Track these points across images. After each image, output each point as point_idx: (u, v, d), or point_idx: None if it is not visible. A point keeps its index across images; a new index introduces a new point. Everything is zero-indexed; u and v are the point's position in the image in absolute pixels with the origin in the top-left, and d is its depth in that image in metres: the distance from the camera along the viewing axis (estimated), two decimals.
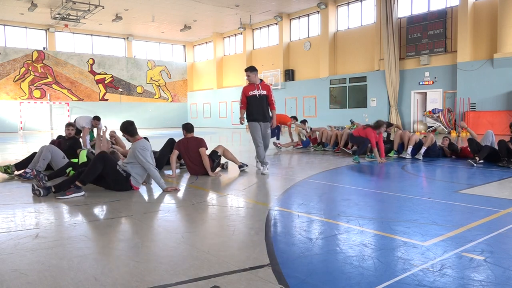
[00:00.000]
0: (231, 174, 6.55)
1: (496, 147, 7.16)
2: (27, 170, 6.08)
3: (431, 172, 6.63)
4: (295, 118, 11.88)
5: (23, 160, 6.44)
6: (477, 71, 16.80)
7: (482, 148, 7.13)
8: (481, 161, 7.02)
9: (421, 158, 7.93)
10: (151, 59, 32.08)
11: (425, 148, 7.99)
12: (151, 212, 4.00)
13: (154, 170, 5.00)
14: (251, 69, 6.43)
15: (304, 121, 11.43)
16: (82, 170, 4.99)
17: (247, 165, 6.95)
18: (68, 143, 7.11)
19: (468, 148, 7.60)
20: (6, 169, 6.24)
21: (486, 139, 7.41)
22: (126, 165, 5.06)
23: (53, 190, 4.74)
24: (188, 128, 6.48)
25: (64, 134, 8.13)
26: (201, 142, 6.34)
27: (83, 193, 4.77)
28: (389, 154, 8.36)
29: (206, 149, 6.36)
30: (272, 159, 8.67)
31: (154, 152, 7.61)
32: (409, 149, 8.10)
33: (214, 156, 6.61)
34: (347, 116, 21.01)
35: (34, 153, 6.44)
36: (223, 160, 7.06)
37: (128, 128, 5.21)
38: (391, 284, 2.19)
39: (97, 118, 9.29)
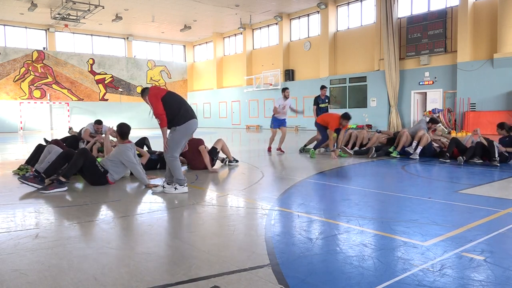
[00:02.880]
0: (230, 174, 6.56)
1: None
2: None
3: (431, 172, 6.63)
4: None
5: (30, 157, 6.71)
6: (477, 71, 16.80)
7: (469, 149, 7.39)
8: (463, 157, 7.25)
9: (417, 157, 7.95)
10: (151, 59, 32.07)
11: (421, 147, 8.00)
12: (151, 212, 4.00)
13: (137, 169, 5.40)
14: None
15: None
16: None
17: (237, 161, 7.56)
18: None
19: (446, 147, 7.85)
20: (21, 171, 6.49)
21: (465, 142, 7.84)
22: (108, 161, 5.46)
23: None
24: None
25: (61, 136, 8.27)
26: (199, 141, 6.83)
27: (65, 188, 5.09)
28: (392, 154, 8.34)
29: (205, 146, 6.88)
30: (272, 159, 8.67)
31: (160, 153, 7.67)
32: (419, 149, 8.05)
33: (213, 153, 7.03)
34: None
35: (39, 148, 6.66)
36: (222, 155, 7.51)
37: (123, 131, 5.59)
38: (391, 284, 2.19)
39: (98, 122, 9.11)
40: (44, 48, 27.26)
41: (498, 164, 6.88)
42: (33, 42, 27.15)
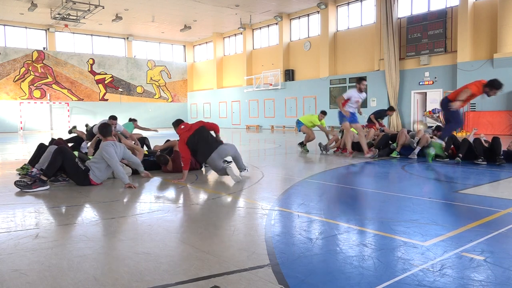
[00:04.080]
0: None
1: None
2: (33, 169, 6.13)
3: (431, 172, 6.63)
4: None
5: (32, 156, 6.71)
6: (477, 71, 16.80)
7: (461, 144, 7.41)
8: (460, 155, 7.27)
9: (416, 157, 7.96)
10: (151, 59, 32.08)
11: (420, 148, 8.01)
12: (151, 212, 4.00)
13: (117, 166, 5.36)
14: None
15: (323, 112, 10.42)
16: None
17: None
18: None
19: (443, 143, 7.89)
20: (23, 170, 6.50)
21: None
22: (93, 159, 5.52)
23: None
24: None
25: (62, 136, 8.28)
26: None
27: (47, 187, 5.15)
28: (392, 154, 8.34)
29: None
30: (272, 159, 8.66)
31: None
32: (417, 149, 8.05)
33: None
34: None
35: (40, 147, 6.67)
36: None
37: (102, 130, 5.74)
38: (391, 284, 2.19)
39: (113, 118, 8.68)
40: (44, 48, 27.27)
41: (505, 161, 6.87)
42: (33, 42, 27.16)
